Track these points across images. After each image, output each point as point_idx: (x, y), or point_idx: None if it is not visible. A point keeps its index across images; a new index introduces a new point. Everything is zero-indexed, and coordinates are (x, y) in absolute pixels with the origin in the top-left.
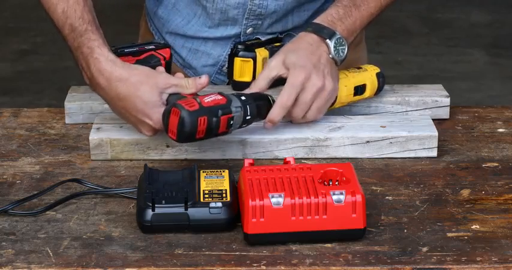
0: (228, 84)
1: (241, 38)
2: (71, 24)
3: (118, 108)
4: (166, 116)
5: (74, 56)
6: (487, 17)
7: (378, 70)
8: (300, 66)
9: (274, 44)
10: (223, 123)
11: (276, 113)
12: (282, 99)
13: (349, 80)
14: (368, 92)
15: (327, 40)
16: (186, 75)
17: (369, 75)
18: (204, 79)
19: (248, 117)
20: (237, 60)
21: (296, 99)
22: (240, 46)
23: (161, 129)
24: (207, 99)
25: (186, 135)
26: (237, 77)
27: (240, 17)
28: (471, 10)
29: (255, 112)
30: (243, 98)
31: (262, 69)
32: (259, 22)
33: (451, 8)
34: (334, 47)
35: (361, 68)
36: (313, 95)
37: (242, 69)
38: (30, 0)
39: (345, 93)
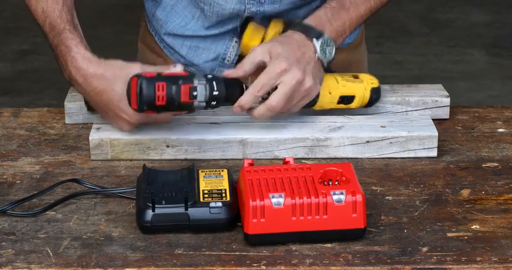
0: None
1: (239, 30)
2: (50, 23)
3: (97, 104)
4: (128, 88)
5: (54, 54)
6: (487, 17)
7: (376, 85)
8: (282, 57)
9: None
10: (184, 91)
11: (246, 99)
12: (255, 87)
13: (337, 88)
14: (355, 104)
15: (314, 39)
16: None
17: (361, 88)
18: (178, 68)
19: (216, 93)
20: (250, 25)
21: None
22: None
23: (137, 122)
24: (170, 72)
25: (145, 101)
26: (246, 40)
27: (237, 15)
28: (471, 10)
29: (223, 90)
30: (209, 76)
31: (248, 54)
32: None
33: (451, 8)
34: (321, 47)
35: (358, 77)
36: (292, 87)
37: (253, 34)
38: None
39: (328, 99)
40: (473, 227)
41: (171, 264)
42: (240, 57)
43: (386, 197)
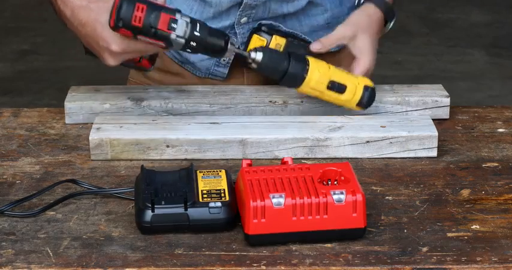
0: (226, 77)
1: (236, 28)
2: None
3: (83, 37)
4: (111, 8)
5: None
6: (487, 17)
7: (370, 84)
8: (367, 52)
9: (296, 39)
10: (163, 19)
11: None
12: (360, 67)
13: (328, 72)
14: (346, 95)
15: (388, 22)
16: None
17: (354, 80)
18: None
19: (197, 34)
20: (254, 36)
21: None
22: (263, 27)
23: (122, 53)
24: (158, 1)
25: (121, 17)
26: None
27: (234, 9)
28: (471, 10)
29: (205, 35)
30: (197, 20)
31: (333, 32)
32: (253, 11)
33: (451, 8)
34: (391, 27)
35: (353, 75)
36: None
37: (255, 45)
38: (30, 0)
39: (317, 77)
40: (473, 227)
41: (171, 264)
42: (236, 59)
43: (386, 197)
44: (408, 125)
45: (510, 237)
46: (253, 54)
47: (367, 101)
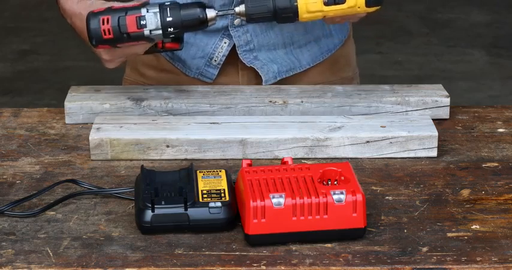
0: (216, 79)
1: (230, 30)
2: None
3: (86, 43)
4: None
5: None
6: (487, 17)
7: None
8: None
9: None
10: (130, 21)
11: None
12: None
13: None
14: (349, 2)
15: None
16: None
17: None
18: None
19: (169, 19)
20: None
21: None
22: None
23: (114, 59)
24: (121, 5)
25: (92, 36)
26: None
27: (226, 8)
28: (471, 10)
29: (179, 16)
30: (167, 3)
31: None
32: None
33: (451, 8)
34: None
35: None
36: None
37: None
38: (30, 0)
39: (307, 3)
40: (473, 227)
41: (171, 264)
42: (228, 59)
43: (386, 197)
44: (408, 125)
45: (510, 237)
46: (237, 9)
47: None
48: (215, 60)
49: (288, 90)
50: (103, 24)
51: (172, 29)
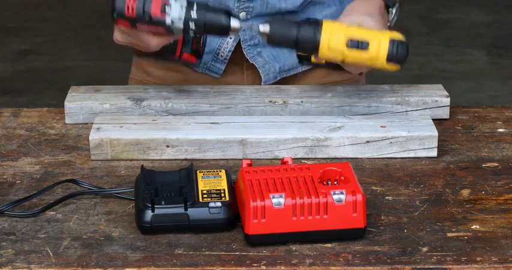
0: (223, 75)
1: None
2: None
3: None
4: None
5: None
6: (487, 17)
7: (398, 37)
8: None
9: None
10: (155, 5)
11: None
12: None
13: (346, 29)
14: (371, 52)
15: (390, 9)
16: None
17: (378, 36)
18: None
19: (194, 15)
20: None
21: None
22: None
23: (128, 42)
24: None
25: (116, 8)
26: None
27: (232, 2)
28: (471, 10)
29: (203, 16)
30: (195, 2)
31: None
32: (251, 4)
33: (451, 8)
34: (394, 14)
35: (377, 30)
36: None
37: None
38: (30, 0)
39: (332, 37)
40: (473, 227)
41: (171, 264)
42: (234, 57)
43: (387, 197)
44: (408, 125)
45: (510, 237)
46: (261, 27)
47: (396, 54)
48: (221, 56)
49: (288, 90)
50: (129, 0)
51: (193, 25)
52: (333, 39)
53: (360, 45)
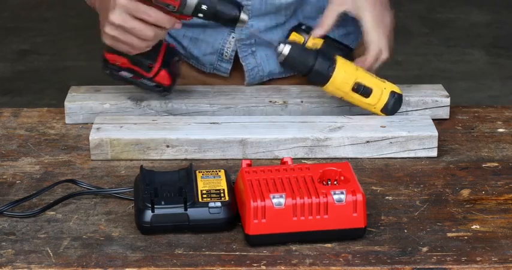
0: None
1: None
2: None
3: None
4: None
5: None
6: (487, 17)
7: (397, 91)
8: (371, 9)
9: (334, 42)
10: None
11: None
12: (375, 49)
13: (354, 73)
14: (371, 99)
15: None
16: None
17: (380, 85)
18: None
19: (204, 7)
20: (292, 34)
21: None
22: (303, 26)
23: (122, 29)
24: None
25: None
26: None
27: None
28: (471, 10)
29: (214, 7)
30: None
31: (328, 6)
32: (249, 2)
33: (451, 8)
34: None
35: (379, 78)
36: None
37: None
38: (30, 0)
39: (342, 78)
40: (473, 227)
41: (171, 264)
42: (239, 57)
43: (387, 197)
44: (408, 125)
45: (510, 237)
46: (281, 47)
47: (392, 107)
48: (225, 56)
49: (288, 90)
50: None
51: (205, 7)
52: (342, 80)
53: (364, 91)
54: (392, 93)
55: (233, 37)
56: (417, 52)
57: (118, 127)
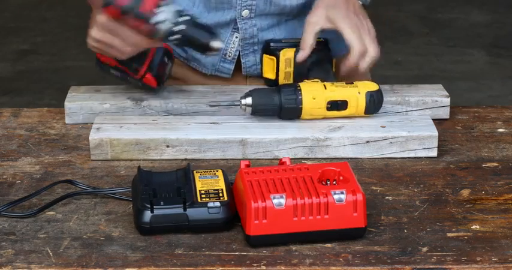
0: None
1: (238, 22)
2: None
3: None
4: None
5: None
6: (487, 17)
7: (373, 89)
8: (345, 23)
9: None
10: (149, 2)
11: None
12: (358, 46)
13: (323, 94)
14: (350, 110)
15: None
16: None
17: (354, 92)
18: None
19: (180, 24)
20: (264, 57)
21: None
22: (272, 44)
23: (103, 39)
24: None
25: None
26: (264, 73)
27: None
28: (471, 10)
29: (190, 26)
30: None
31: (305, 28)
32: (254, 2)
33: (451, 8)
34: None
35: (352, 83)
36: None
37: (267, 65)
38: (30, 0)
39: (313, 105)
40: (473, 227)
41: (171, 264)
42: (240, 54)
43: (387, 197)
44: (408, 125)
45: (510, 237)
46: (243, 101)
47: (373, 106)
48: (229, 56)
49: None
50: None
51: (178, 31)
52: (314, 106)
53: (339, 106)
54: (368, 93)
55: (236, 37)
56: (417, 52)
57: (118, 127)
